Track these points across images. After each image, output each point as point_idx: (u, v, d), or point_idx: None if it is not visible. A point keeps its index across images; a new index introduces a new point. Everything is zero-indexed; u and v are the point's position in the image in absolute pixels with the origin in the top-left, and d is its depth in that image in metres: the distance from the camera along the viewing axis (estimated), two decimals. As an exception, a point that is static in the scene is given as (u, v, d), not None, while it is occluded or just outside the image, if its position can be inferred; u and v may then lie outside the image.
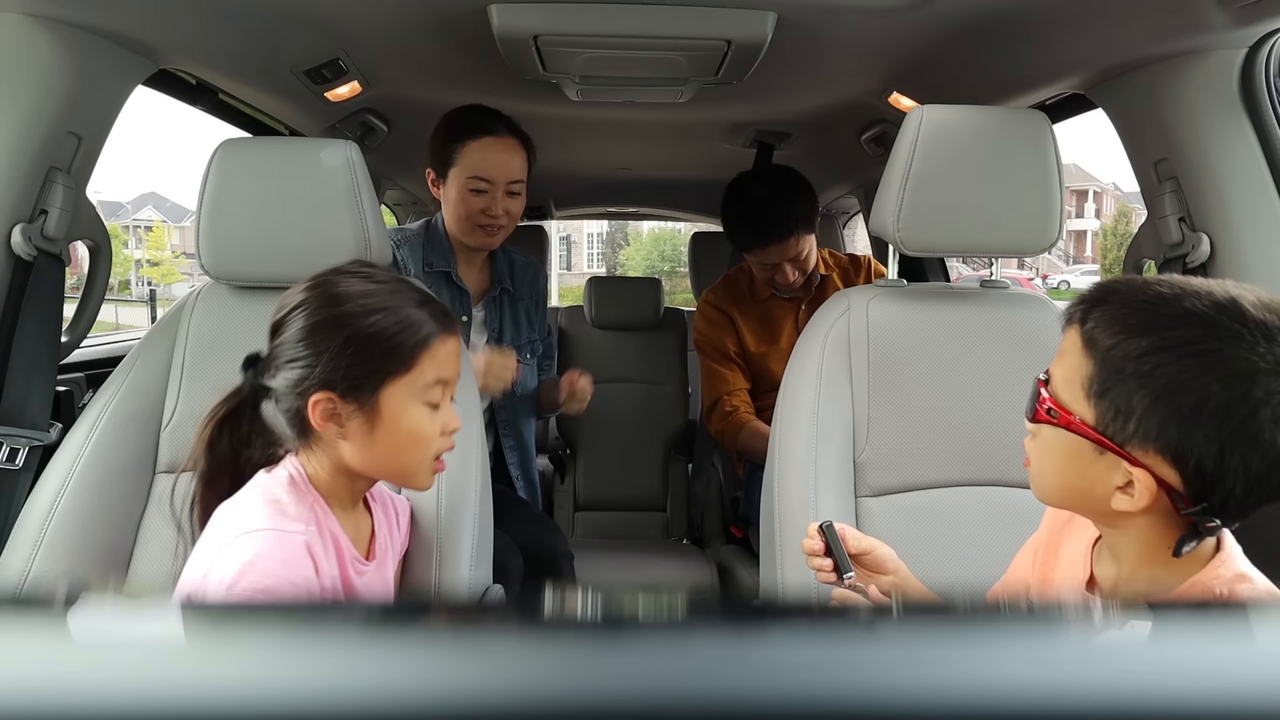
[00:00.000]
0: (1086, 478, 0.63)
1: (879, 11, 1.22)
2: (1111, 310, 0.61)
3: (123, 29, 1.15)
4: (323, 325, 0.77)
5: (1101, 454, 0.61)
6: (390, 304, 0.79)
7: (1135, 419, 0.58)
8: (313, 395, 0.76)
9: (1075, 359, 0.63)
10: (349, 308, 0.78)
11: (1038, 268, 24.97)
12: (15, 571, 0.97)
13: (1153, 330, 0.58)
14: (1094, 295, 0.64)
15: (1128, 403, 0.59)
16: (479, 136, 1.42)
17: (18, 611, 0.27)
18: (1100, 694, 0.22)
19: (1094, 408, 0.61)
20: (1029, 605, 0.42)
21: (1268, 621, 0.27)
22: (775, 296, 1.80)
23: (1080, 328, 0.63)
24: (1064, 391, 0.64)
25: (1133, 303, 0.60)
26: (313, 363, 0.76)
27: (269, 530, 0.75)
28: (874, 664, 0.23)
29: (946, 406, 1.10)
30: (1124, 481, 0.61)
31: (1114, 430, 0.60)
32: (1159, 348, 0.57)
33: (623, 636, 0.25)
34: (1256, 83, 1.13)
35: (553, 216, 3.43)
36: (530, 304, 1.64)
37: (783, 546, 1.07)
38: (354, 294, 0.79)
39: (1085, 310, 0.63)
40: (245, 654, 0.24)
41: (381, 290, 0.80)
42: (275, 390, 0.79)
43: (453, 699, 0.21)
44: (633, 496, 2.49)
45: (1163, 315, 0.58)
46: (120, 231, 25.18)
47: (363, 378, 0.77)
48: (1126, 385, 0.59)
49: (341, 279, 0.80)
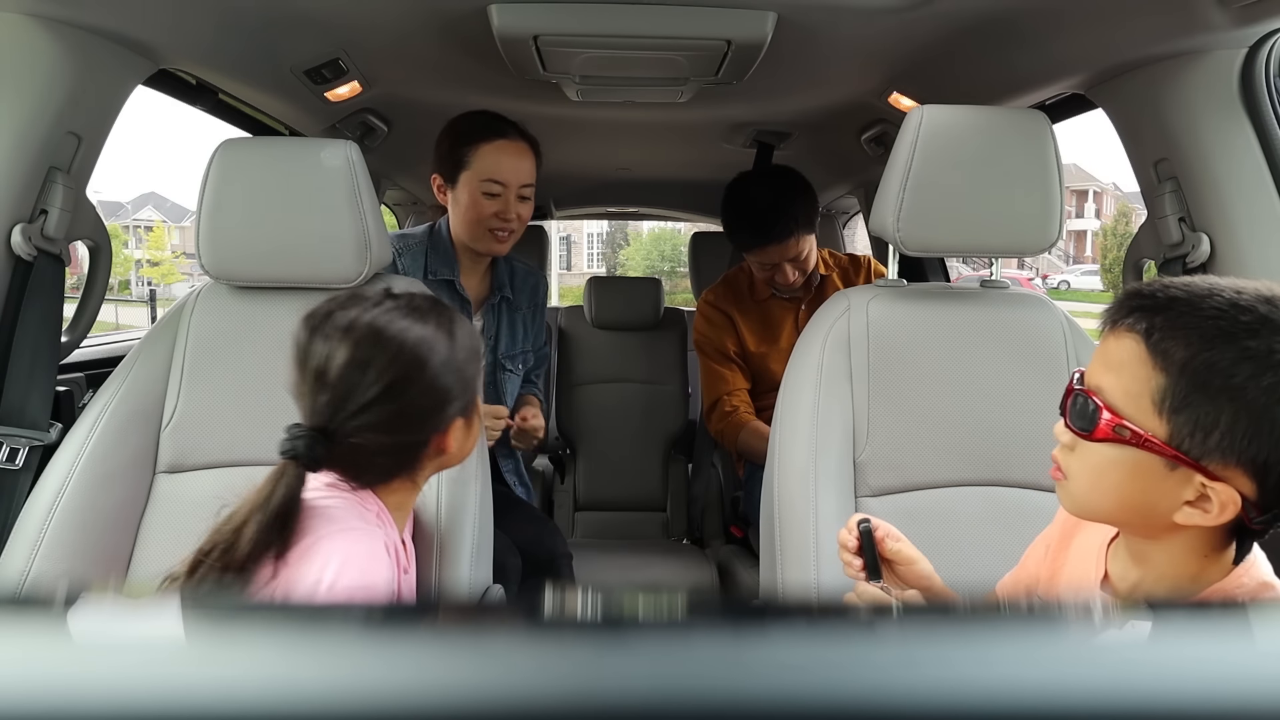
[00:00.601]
0: (1152, 494, 0.60)
1: (879, 11, 1.22)
2: (1180, 319, 0.58)
3: (123, 29, 1.15)
4: (451, 354, 0.81)
5: (1173, 469, 0.58)
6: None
7: (1219, 433, 0.56)
8: (454, 422, 0.82)
9: (1141, 371, 0.59)
10: (461, 326, 0.85)
11: (1038, 268, 24.97)
12: (15, 571, 0.97)
13: (1233, 340, 0.55)
14: (1152, 303, 0.60)
15: (1212, 416, 0.56)
16: (493, 140, 1.42)
17: (18, 611, 0.27)
18: (1100, 694, 0.22)
19: (1168, 422, 0.58)
20: (1029, 605, 0.42)
21: (1268, 621, 0.27)
22: (775, 296, 1.80)
23: (1145, 339, 0.59)
24: (1127, 406, 0.60)
25: (1202, 311, 0.57)
26: (456, 391, 0.82)
27: (360, 530, 0.76)
28: (874, 664, 0.23)
29: (946, 406, 1.10)
30: (1195, 496, 0.58)
31: (1191, 445, 0.57)
32: (1243, 358, 0.55)
33: (623, 636, 0.25)
34: (1256, 83, 1.13)
35: (553, 216, 3.42)
36: (528, 313, 1.64)
37: (783, 546, 1.06)
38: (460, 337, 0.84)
39: (1147, 319, 0.59)
40: (246, 654, 0.24)
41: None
42: (370, 444, 0.78)
43: (453, 699, 0.21)
44: (633, 496, 2.49)
45: (1241, 324, 0.55)
46: (120, 231, 25.17)
47: (475, 388, 0.87)
48: (1210, 399, 0.56)
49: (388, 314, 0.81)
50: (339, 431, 0.76)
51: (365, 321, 0.77)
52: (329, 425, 0.76)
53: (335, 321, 0.77)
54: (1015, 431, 1.10)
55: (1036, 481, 1.09)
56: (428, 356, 0.78)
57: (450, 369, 0.80)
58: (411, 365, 0.77)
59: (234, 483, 1.06)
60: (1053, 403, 0.69)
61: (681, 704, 0.21)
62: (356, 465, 0.80)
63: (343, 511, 0.77)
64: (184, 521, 1.05)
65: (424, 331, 0.79)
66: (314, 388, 0.76)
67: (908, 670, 0.23)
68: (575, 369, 2.58)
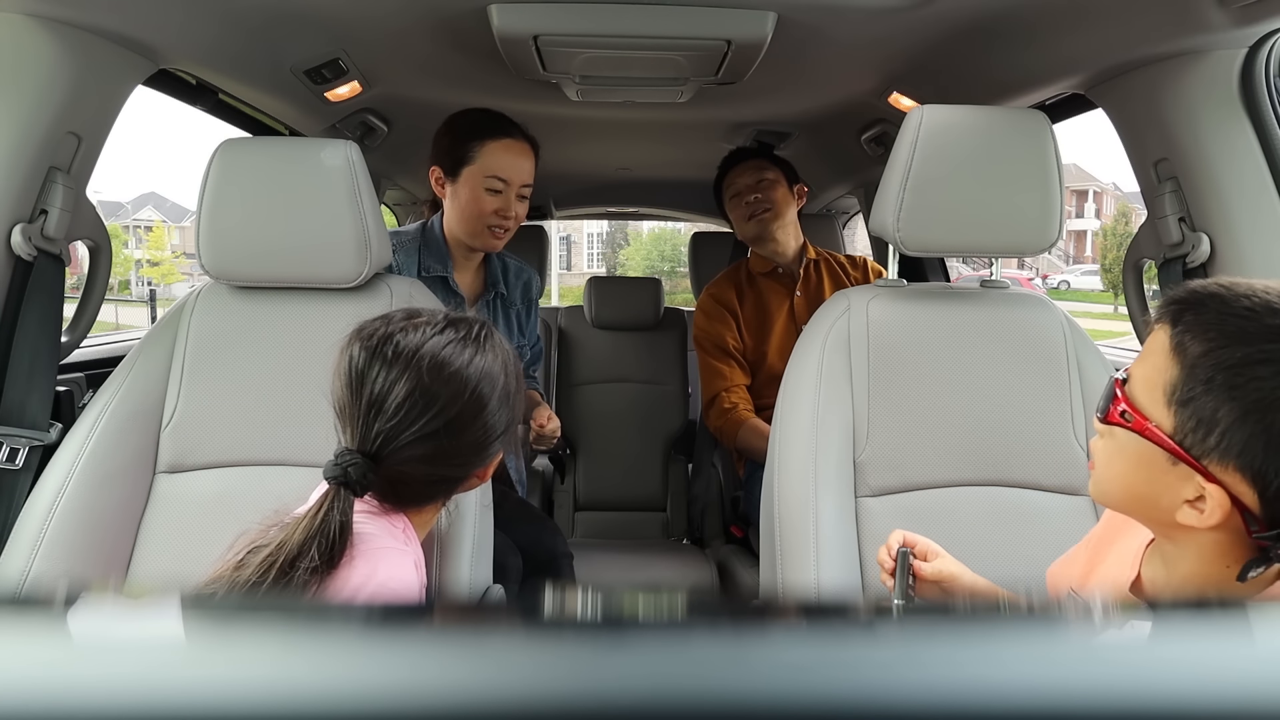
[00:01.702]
0: (1154, 486, 0.61)
1: (879, 11, 1.22)
2: (1207, 316, 0.57)
3: (123, 29, 1.15)
4: (504, 393, 0.81)
5: (1175, 464, 0.59)
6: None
7: (1219, 432, 0.55)
8: (496, 457, 0.82)
9: (1160, 361, 0.60)
10: (510, 359, 0.84)
11: (1038, 268, 24.97)
12: (15, 571, 0.97)
13: (1250, 341, 0.55)
14: (1189, 297, 0.60)
15: (1213, 414, 0.56)
16: (500, 138, 1.43)
17: (18, 611, 0.27)
18: (1100, 694, 0.22)
19: (1174, 415, 0.58)
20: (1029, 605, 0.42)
21: (1268, 621, 0.27)
22: (770, 275, 1.85)
23: (1171, 330, 0.59)
24: (1143, 395, 0.61)
25: (1231, 310, 0.57)
26: (502, 428, 0.81)
27: (393, 549, 0.75)
28: (874, 664, 0.23)
29: (946, 406, 1.10)
30: (1194, 495, 0.58)
31: (1192, 442, 0.57)
32: (1256, 360, 0.54)
33: (623, 636, 0.25)
34: (1256, 83, 1.13)
35: (553, 216, 3.42)
36: (522, 309, 1.64)
37: (783, 546, 1.06)
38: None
39: (1177, 312, 0.59)
40: (246, 654, 0.24)
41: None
42: (415, 473, 0.77)
43: (453, 699, 0.21)
44: (633, 496, 2.49)
45: (1265, 325, 0.55)
46: (120, 231, 25.14)
47: (517, 421, 0.87)
48: (1214, 396, 0.56)
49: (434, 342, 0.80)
50: (387, 459, 0.74)
51: (430, 352, 0.75)
52: (380, 453, 0.74)
53: (398, 347, 0.75)
54: (1015, 431, 1.10)
55: (1037, 481, 1.09)
56: (489, 394, 0.77)
57: (505, 404, 0.80)
58: (473, 403, 0.76)
59: (234, 483, 1.07)
60: (1052, 402, 0.70)
61: (681, 704, 0.21)
62: (395, 491, 0.79)
63: (374, 530, 0.77)
64: (184, 521, 1.05)
65: (484, 364, 0.78)
66: (368, 413, 0.74)
67: (908, 670, 0.23)
68: (575, 369, 2.58)
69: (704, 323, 1.84)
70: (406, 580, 0.75)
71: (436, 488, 0.82)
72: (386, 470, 0.75)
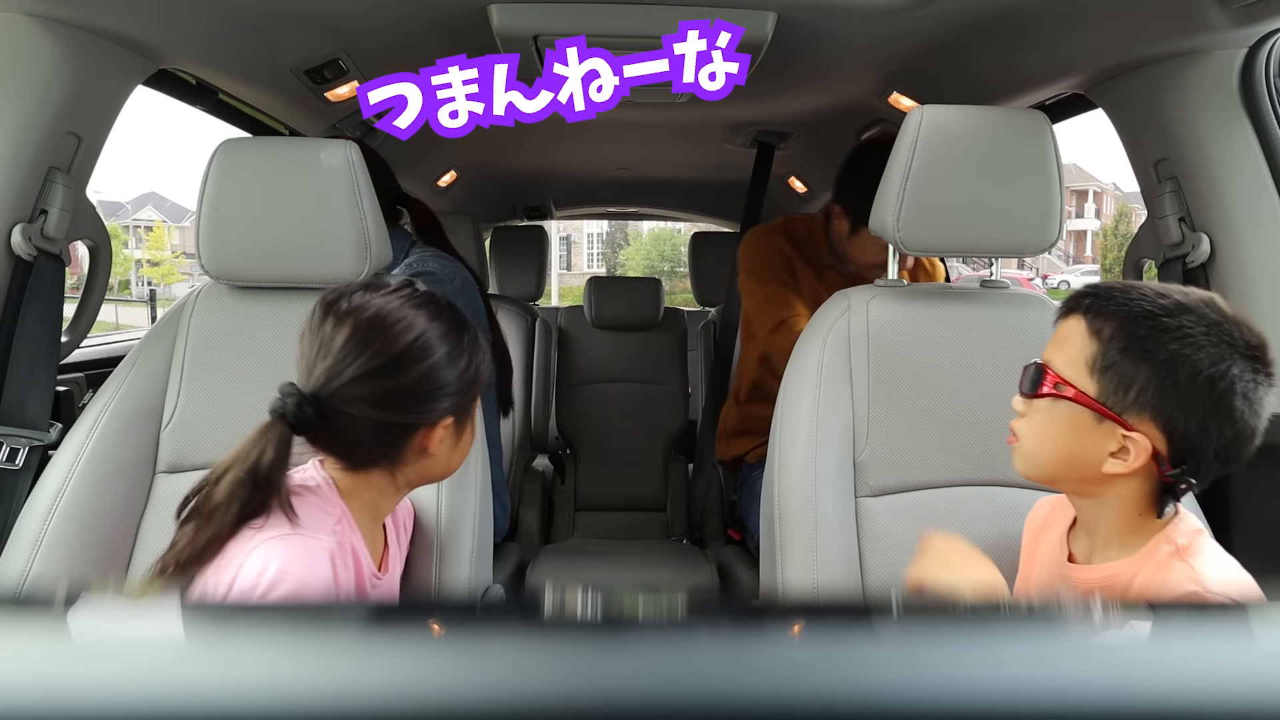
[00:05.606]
0: (1083, 445, 0.72)
1: (879, 11, 1.22)
2: (1113, 303, 0.72)
3: (123, 29, 1.15)
4: (455, 353, 0.82)
5: (1100, 423, 0.71)
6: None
7: (1136, 389, 0.69)
8: (444, 420, 0.81)
9: (1079, 341, 0.73)
10: (473, 336, 0.84)
11: (1038, 268, 24.95)
12: (15, 571, 0.97)
13: (1153, 316, 0.69)
14: (1093, 292, 0.74)
15: (1130, 375, 0.69)
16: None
17: (18, 611, 0.27)
18: (1100, 694, 0.22)
19: (1097, 382, 0.71)
20: (1029, 605, 0.42)
21: (1268, 621, 0.27)
22: (833, 267, 1.62)
23: (1085, 316, 0.73)
24: (1068, 370, 0.73)
25: (1129, 297, 0.71)
26: (452, 389, 0.81)
27: (294, 536, 0.75)
28: (874, 664, 0.23)
29: (946, 406, 1.10)
30: (1118, 447, 0.70)
31: (1114, 401, 0.70)
32: (1160, 329, 0.68)
33: (623, 636, 0.25)
34: (1256, 83, 1.13)
35: (553, 216, 3.43)
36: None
37: (783, 546, 1.06)
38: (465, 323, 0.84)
39: (1087, 304, 0.74)
40: (245, 654, 0.24)
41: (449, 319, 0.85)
42: (358, 417, 0.78)
43: (453, 698, 0.21)
44: (633, 496, 2.49)
45: (1159, 304, 0.69)
46: (120, 231, 25.12)
47: (473, 397, 0.85)
48: (1129, 360, 0.69)
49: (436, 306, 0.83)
50: (330, 398, 0.77)
51: (378, 305, 0.79)
52: (320, 392, 0.77)
53: (352, 303, 0.79)
54: (1015, 431, 1.10)
55: (1036, 482, 1.09)
56: (434, 345, 0.79)
57: (451, 367, 0.81)
58: (411, 351, 0.78)
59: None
60: None
61: (681, 704, 0.21)
62: (340, 439, 0.79)
63: (299, 512, 0.76)
64: (184, 521, 1.05)
65: (430, 325, 0.80)
66: (313, 357, 0.79)
67: (907, 670, 0.23)
68: (575, 369, 2.58)
69: (763, 254, 1.62)
70: (318, 572, 0.74)
71: (380, 440, 0.81)
72: (330, 412, 0.77)
